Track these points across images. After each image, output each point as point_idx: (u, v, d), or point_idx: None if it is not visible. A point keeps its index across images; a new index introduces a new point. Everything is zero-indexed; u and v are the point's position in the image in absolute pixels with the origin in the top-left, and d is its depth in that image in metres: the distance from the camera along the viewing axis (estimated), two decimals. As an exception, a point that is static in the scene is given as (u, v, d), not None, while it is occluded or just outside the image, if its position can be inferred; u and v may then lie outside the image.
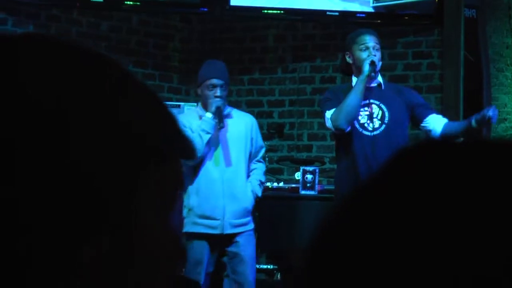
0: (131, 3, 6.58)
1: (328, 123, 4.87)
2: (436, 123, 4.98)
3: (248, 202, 5.06)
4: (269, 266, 5.74)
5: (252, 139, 5.13)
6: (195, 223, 4.39)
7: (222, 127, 4.91)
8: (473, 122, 4.73)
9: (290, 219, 5.86)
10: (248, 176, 5.19)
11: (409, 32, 6.66)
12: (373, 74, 4.74)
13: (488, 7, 7.01)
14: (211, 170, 4.90)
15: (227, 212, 4.80)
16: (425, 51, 6.62)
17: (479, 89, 6.51)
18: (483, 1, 6.90)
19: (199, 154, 4.52)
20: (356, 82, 4.85)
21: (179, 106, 5.67)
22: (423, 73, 6.55)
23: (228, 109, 5.08)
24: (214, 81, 4.87)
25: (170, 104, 5.49)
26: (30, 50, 0.69)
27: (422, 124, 4.95)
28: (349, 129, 4.80)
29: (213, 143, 4.98)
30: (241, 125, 5.13)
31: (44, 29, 6.24)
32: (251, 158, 5.20)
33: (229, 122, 5.05)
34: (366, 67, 4.69)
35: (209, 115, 4.82)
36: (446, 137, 4.84)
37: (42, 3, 6.42)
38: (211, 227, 4.39)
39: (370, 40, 4.86)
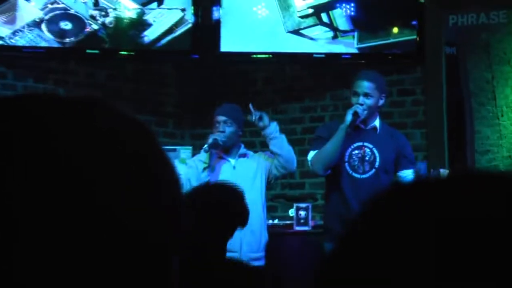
0: (125, 52, 6.65)
1: (309, 164, 5.02)
2: (408, 179, 4.83)
3: (263, 236, 5.18)
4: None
5: (265, 171, 5.32)
6: None
7: (221, 158, 5.18)
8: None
9: (285, 255, 5.79)
10: (263, 211, 5.38)
11: (393, 70, 6.49)
12: (357, 122, 4.75)
13: (468, 44, 6.99)
14: None
15: (244, 244, 4.78)
16: (408, 88, 6.53)
17: (462, 123, 6.48)
18: (463, 39, 6.88)
19: (192, 183, 4.58)
20: (338, 130, 4.84)
21: (175, 150, 5.75)
22: (407, 110, 6.49)
23: (243, 150, 5.32)
24: (218, 117, 5.13)
25: (166, 149, 5.83)
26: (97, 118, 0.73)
27: (398, 173, 4.97)
28: (327, 173, 4.91)
29: (225, 176, 5.07)
30: (254, 164, 5.32)
31: (43, 81, 6.25)
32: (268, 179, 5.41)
33: (244, 162, 5.30)
34: (348, 117, 4.72)
35: (205, 146, 5.04)
36: None
37: (40, 57, 6.40)
38: None
39: (361, 87, 4.85)
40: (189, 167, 4.75)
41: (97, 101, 0.79)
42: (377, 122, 4.94)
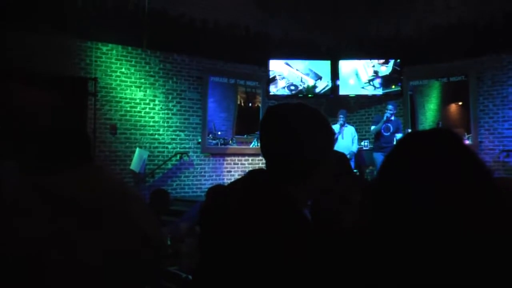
0: (310, 95, 12.82)
1: (371, 129, 11.61)
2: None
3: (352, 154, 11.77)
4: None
5: (355, 132, 11.84)
6: None
7: (342, 126, 11.82)
8: None
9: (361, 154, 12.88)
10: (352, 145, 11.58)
11: (394, 99, 12.31)
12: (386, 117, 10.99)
13: (416, 91, 12.94)
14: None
15: None
16: (400, 108, 12.48)
17: (415, 118, 13.68)
18: (414, 89, 12.72)
19: None
20: (380, 121, 11.16)
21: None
22: (399, 114, 12.20)
23: (346, 124, 11.92)
24: (339, 114, 11.95)
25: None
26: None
27: (396, 134, 11.06)
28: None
29: (344, 132, 11.72)
30: (352, 129, 11.94)
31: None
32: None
33: (347, 128, 11.97)
34: (384, 117, 11.23)
35: (337, 125, 11.67)
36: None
37: (283, 98, 12.56)
38: None
39: (388, 106, 11.36)
40: None
41: (301, 104, 1.82)
42: (393, 117, 11.12)
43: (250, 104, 14.05)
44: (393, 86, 13.26)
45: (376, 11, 13.04)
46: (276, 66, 13.55)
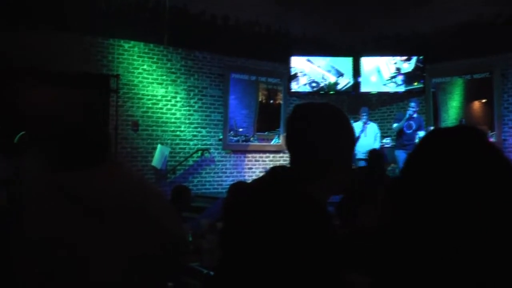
0: (332, 92, 13.23)
1: (393, 127, 11.50)
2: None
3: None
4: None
5: (376, 133, 11.83)
6: None
7: (365, 124, 11.76)
8: None
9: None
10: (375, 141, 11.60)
11: (416, 97, 12.17)
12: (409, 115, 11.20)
13: (438, 88, 12.89)
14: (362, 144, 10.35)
15: None
16: (422, 105, 12.30)
17: (437, 116, 13.25)
18: (437, 86, 12.70)
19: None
20: (403, 118, 11.00)
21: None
22: (421, 111, 12.11)
23: (368, 122, 11.84)
24: (361, 112, 11.98)
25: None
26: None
27: (418, 131, 10.89)
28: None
29: (367, 129, 11.71)
30: (374, 126, 12.00)
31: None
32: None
33: (370, 125, 11.92)
34: (407, 114, 11.10)
35: (359, 122, 11.70)
36: None
37: (304, 95, 13.20)
38: None
39: (411, 103, 11.25)
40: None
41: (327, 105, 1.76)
42: (415, 114, 11.06)
43: (271, 101, 14.11)
44: (416, 83, 13.22)
45: (394, 7, 12.93)
46: (298, 63, 13.59)
